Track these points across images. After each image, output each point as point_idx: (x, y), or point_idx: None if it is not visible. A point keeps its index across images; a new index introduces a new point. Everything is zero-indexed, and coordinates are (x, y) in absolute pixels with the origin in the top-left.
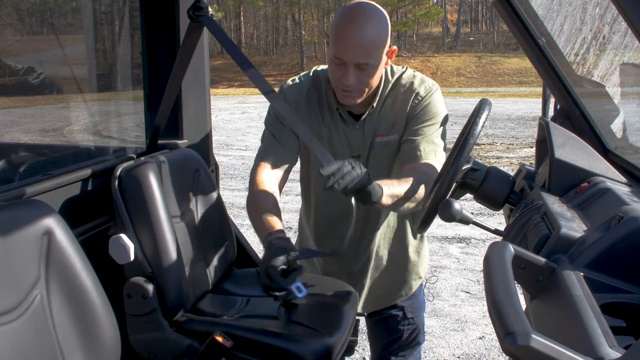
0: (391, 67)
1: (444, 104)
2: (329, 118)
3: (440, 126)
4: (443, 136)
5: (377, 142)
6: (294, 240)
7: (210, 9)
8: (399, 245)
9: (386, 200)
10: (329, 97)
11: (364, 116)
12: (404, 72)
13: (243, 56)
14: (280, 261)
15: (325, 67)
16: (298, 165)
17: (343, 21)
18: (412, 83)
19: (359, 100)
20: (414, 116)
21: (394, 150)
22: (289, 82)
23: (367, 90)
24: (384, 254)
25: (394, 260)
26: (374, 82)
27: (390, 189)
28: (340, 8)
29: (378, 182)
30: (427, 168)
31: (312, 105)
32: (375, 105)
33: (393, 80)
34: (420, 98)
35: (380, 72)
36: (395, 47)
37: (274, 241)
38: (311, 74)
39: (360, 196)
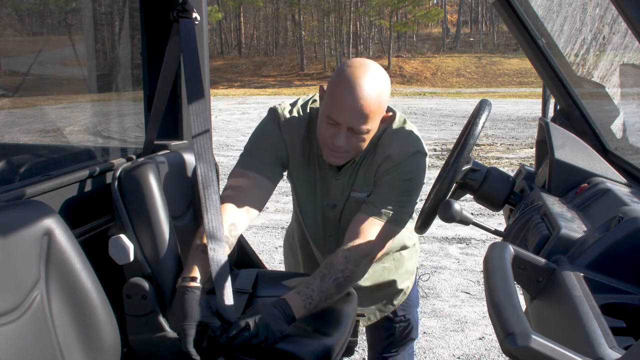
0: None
1: (422, 170)
2: (316, 163)
3: (407, 192)
4: (408, 202)
5: (352, 196)
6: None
7: (194, 13)
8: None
9: (304, 313)
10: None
11: (344, 167)
12: (387, 128)
13: (198, 76)
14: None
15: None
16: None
17: (343, 81)
18: (390, 144)
19: (343, 162)
20: (381, 178)
21: None
22: (286, 113)
23: (354, 154)
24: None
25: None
26: (363, 147)
27: (309, 305)
28: (342, 64)
29: (292, 295)
30: (364, 233)
31: (307, 145)
32: (356, 159)
33: (377, 136)
34: (392, 163)
35: (371, 137)
36: (390, 114)
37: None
38: (308, 110)
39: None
